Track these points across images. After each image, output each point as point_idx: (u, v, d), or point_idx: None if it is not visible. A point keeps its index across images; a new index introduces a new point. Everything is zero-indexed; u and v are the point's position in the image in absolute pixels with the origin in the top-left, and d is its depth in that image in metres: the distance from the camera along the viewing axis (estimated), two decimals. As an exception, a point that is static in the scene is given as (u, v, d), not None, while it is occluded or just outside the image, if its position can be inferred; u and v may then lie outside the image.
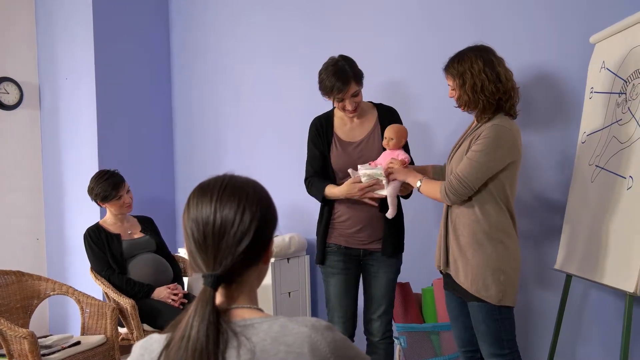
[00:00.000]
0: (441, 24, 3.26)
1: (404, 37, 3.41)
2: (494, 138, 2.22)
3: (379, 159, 2.66)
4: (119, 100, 4.40)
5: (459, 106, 2.37)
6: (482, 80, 2.24)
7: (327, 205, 2.77)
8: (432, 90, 3.23)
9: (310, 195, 2.83)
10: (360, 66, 2.71)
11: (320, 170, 2.79)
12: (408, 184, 2.58)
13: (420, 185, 2.45)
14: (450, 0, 3.23)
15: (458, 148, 2.40)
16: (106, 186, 3.47)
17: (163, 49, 4.74)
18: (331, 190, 2.70)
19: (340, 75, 2.60)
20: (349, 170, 2.65)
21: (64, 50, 4.49)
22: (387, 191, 2.58)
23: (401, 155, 2.60)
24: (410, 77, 3.39)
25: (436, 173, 2.67)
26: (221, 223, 1.09)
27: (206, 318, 1.04)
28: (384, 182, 2.57)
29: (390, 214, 2.61)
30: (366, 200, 2.64)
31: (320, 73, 2.69)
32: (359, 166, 2.61)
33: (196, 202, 1.13)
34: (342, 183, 2.68)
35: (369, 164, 2.62)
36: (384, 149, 2.66)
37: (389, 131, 2.64)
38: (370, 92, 2.96)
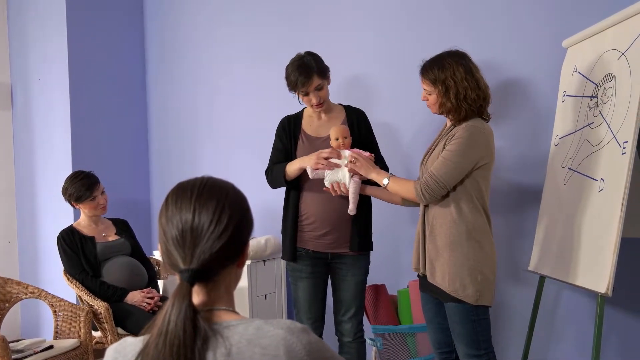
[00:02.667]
0: (418, 27, 3.28)
1: (381, 38, 3.42)
2: (468, 138, 2.25)
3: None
4: (93, 101, 4.34)
5: (440, 112, 2.37)
6: (465, 88, 2.26)
7: (293, 203, 2.75)
8: (406, 91, 3.25)
9: (272, 183, 2.81)
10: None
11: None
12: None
13: (388, 183, 2.46)
14: (425, 3, 3.25)
15: (433, 150, 2.42)
16: (80, 186, 3.42)
17: (138, 49, 4.70)
18: (292, 165, 2.69)
19: (304, 69, 2.65)
20: (307, 168, 2.63)
21: (36, 50, 4.42)
22: (350, 187, 2.59)
23: (365, 153, 2.61)
24: (386, 78, 3.40)
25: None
26: (200, 221, 1.10)
27: (183, 312, 1.04)
28: (347, 176, 2.57)
29: (351, 210, 2.62)
30: (321, 165, 2.59)
31: (286, 68, 2.74)
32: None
33: (175, 200, 1.14)
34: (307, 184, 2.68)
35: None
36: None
37: (339, 131, 2.64)
38: (342, 91, 2.96)
